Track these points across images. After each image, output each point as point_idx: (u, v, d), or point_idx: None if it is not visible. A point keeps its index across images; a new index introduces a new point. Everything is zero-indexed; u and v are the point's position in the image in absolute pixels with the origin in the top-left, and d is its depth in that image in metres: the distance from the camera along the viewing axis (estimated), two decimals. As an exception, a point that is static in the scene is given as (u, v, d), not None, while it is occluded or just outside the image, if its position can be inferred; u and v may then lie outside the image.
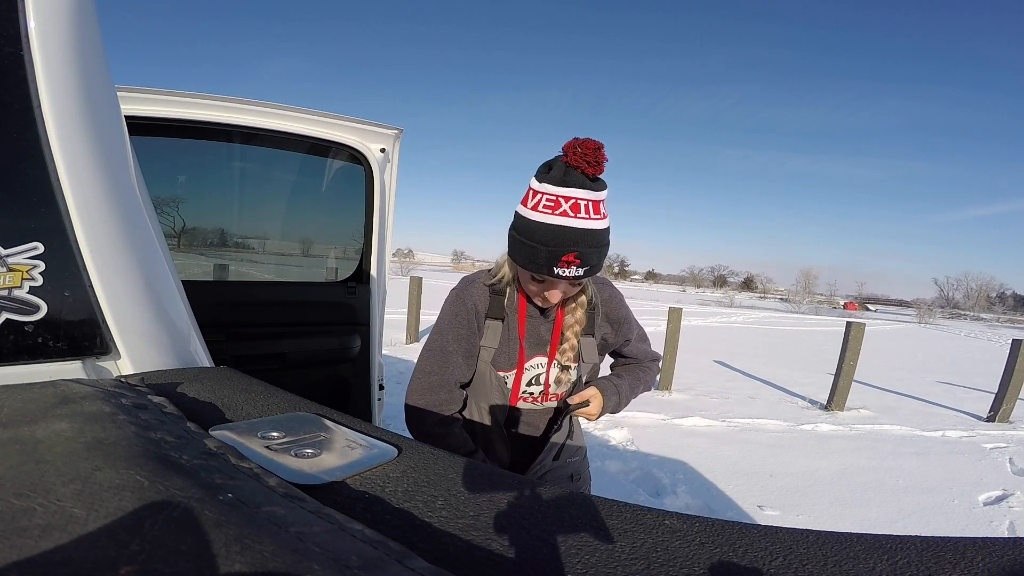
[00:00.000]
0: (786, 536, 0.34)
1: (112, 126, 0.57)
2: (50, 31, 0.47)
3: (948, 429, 4.42)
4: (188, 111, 1.54)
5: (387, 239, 1.94)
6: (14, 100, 0.46)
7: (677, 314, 5.31)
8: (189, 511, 0.26)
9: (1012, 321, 51.77)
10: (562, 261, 0.83)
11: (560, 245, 0.82)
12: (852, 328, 4.87)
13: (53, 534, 0.24)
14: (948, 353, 11.79)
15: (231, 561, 0.23)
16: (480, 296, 0.99)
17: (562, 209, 0.82)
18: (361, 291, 1.94)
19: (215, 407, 0.51)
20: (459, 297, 1.00)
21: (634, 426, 3.76)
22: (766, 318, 20.58)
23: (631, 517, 0.37)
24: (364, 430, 0.50)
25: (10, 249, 0.47)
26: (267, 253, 2.39)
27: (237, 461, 0.36)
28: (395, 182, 1.93)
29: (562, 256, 0.83)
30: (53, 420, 0.37)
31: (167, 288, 0.65)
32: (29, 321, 0.49)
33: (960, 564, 0.31)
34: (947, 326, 28.36)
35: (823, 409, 4.81)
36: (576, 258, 0.83)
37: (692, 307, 23.58)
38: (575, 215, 0.82)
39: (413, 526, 0.34)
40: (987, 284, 77.59)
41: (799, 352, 9.46)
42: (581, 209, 0.82)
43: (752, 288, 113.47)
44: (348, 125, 1.74)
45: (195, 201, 2.09)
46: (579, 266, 0.84)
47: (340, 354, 1.91)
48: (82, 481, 0.28)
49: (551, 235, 0.82)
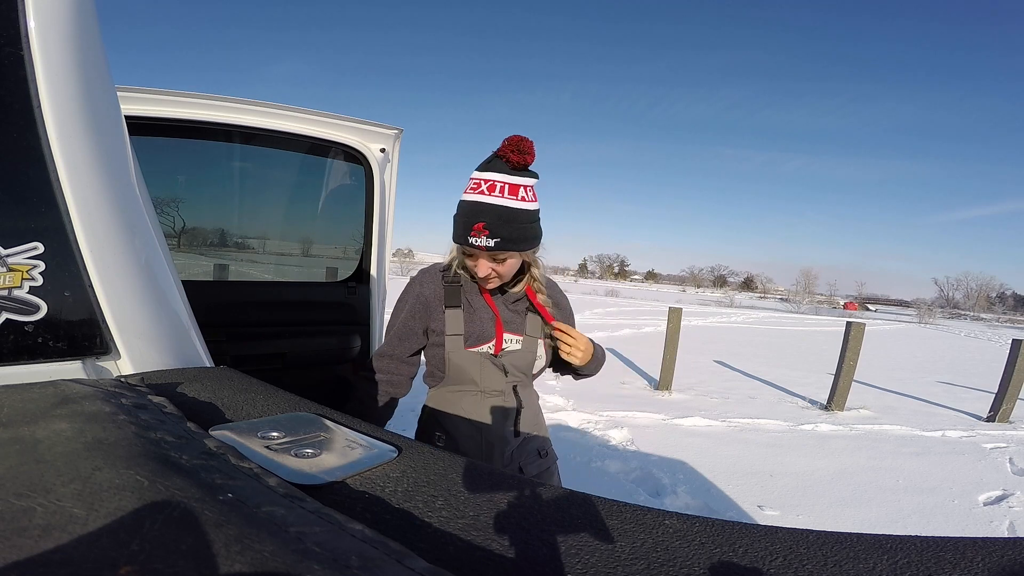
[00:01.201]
0: (786, 536, 0.34)
1: (112, 126, 0.57)
2: (50, 31, 0.47)
3: (948, 429, 4.42)
4: (188, 111, 1.54)
5: (387, 239, 1.94)
6: (14, 100, 0.46)
7: (677, 314, 5.31)
8: (189, 511, 0.26)
9: (1012, 321, 51.77)
10: (473, 230, 0.96)
11: (472, 216, 0.96)
12: (852, 328, 4.87)
13: (53, 534, 0.24)
14: (948, 353, 11.79)
15: (231, 561, 0.23)
16: (431, 284, 1.10)
17: (480, 189, 0.97)
18: (361, 291, 1.94)
19: (215, 407, 0.51)
20: (410, 286, 1.14)
21: (634, 426, 3.76)
22: (766, 318, 20.58)
23: (631, 517, 0.37)
24: (364, 430, 0.50)
25: (10, 249, 0.47)
26: (267, 253, 2.39)
27: (237, 461, 0.36)
28: (395, 182, 1.93)
29: (472, 226, 0.96)
30: (53, 420, 0.37)
31: (167, 288, 0.65)
32: (29, 321, 0.49)
33: (960, 564, 0.31)
34: (947, 326, 28.36)
35: (823, 409, 4.81)
36: (484, 228, 0.95)
37: (692, 307, 23.58)
38: (490, 194, 0.96)
39: (413, 526, 0.34)
40: (987, 284, 77.59)
41: (799, 352, 9.46)
42: (496, 190, 0.96)
43: (752, 288, 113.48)
44: (348, 125, 1.74)
45: (195, 201, 2.09)
46: (488, 236, 0.95)
47: (340, 354, 1.91)
48: (82, 481, 0.28)
49: (467, 209, 0.98)
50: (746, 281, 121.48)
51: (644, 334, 9.88)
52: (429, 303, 1.09)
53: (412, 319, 1.11)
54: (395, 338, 1.13)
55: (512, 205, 0.96)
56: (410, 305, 1.11)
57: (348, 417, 0.53)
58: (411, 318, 1.11)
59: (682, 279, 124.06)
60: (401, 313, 1.12)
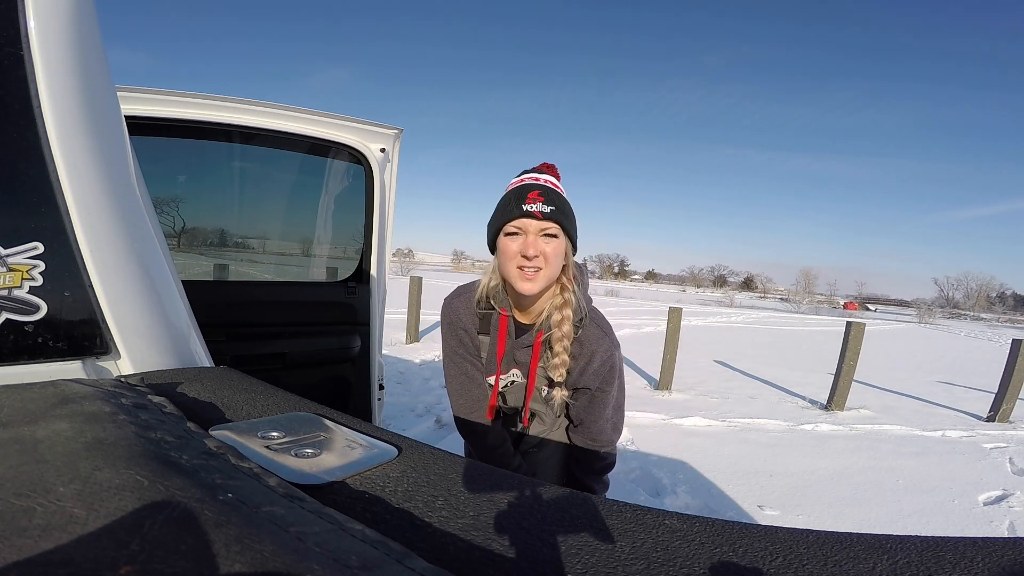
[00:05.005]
0: (786, 536, 0.34)
1: (112, 126, 0.57)
2: (50, 31, 0.47)
3: (948, 429, 4.42)
4: (188, 111, 1.54)
5: (387, 239, 1.94)
6: (14, 100, 0.46)
7: (677, 314, 5.31)
8: (189, 511, 0.26)
9: (1012, 321, 51.75)
10: (528, 198, 0.95)
11: (524, 190, 0.97)
12: (852, 328, 4.87)
13: (53, 534, 0.24)
14: (948, 353, 11.78)
15: (231, 561, 0.23)
16: (465, 312, 1.09)
17: (524, 178, 1.01)
18: (361, 291, 1.94)
19: (215, 407, 0.51)
20: (447, 318, 1.11)
21: (634, 426, 3.76)
22: (766, 318, 20.57)
23: (631, 517, 0.37)
24: (364, 430, 0.50)
25: (10, 249, 0.47)
26: (267, 253, 2.39)
27: (237, 461, 0.36)
28: (395, 182, 1.93)
29: (527, 194, 0.96)
30: (53, 420, 0.37)
31: (167, 288, 0.65)
32: (29, 321, 0.49)
33: (960, 564, 0.31)
34: (947, 326, 28.36)
35: (823, 409, 4.81)
36: (540, 195, 0.95)
37: (692, 307, 23.57)
38: (535, 180, 0.99)
39: (413, 526, 0.34)
40: (987, 284, 77.59)
41: (799, 352, 9.46)
42: (541, 180, 1.00)
43: (752, 288, 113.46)
44: (348, 125, 1.74)
45: (195, 201, 2.09)
46: (544, 203, 0.95)
47: (340, 354, 1.91)
48: (82, 481, 0.28)
49: (516, 188, 0.99)
50: (746, 281, 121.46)
51: (644, 334, 9.88)
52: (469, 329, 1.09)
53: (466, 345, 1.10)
54: (466, 380, 1.11)
55: (558, 188, 1.00)
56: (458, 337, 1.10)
57: (348, 417, 0.53)
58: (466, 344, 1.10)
59: (682, 279, 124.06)
60: (453, 353, 1.11)
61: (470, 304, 1.08)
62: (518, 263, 0.96)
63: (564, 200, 0.99)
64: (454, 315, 1.09)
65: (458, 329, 1.09)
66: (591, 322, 1.03)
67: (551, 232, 0.96)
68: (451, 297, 1.11)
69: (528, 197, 0.95)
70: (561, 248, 0.97)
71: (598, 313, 1.07)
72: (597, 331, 1.03)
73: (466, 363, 1.09)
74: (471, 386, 1.10)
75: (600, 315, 1.08)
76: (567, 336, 1.00)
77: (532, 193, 0.95)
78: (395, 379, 4.39)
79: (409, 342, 6.43)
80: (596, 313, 1.07)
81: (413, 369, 4.91)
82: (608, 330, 1.06)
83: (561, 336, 1.00)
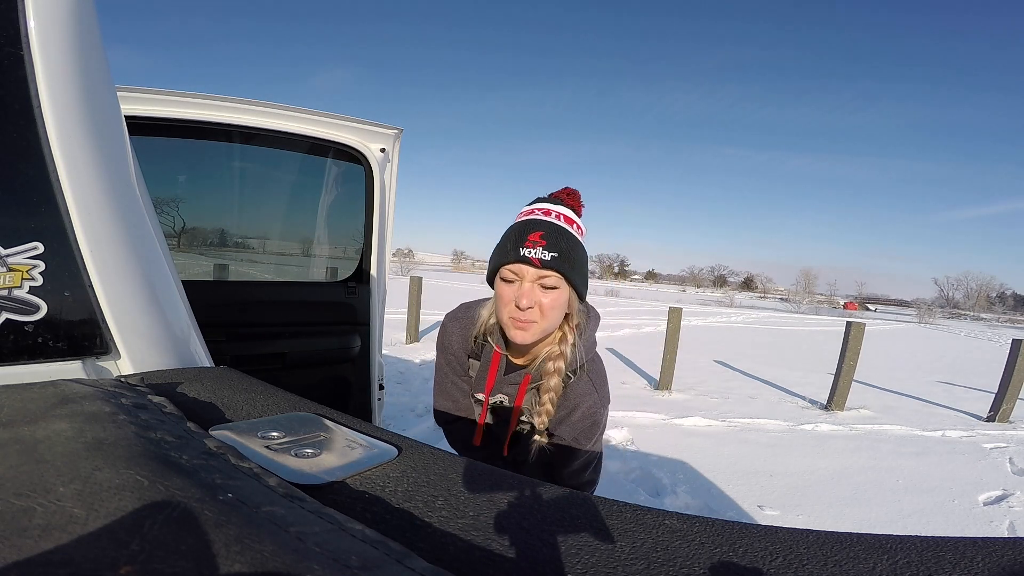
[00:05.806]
0: (786, 536, 0.34)
1: (112, 126, 0.57)
2: (50, 31, 0.47)
3: (948, 429, 4.42)
4: (188, 111, 1.54)
5: (387, 239, 1.94)
6: (14, 100, 0.46)
7: (677, 314, 5.31)
8: (189, 511, 0.26)
9: (1012, 321, 51.76)
10: (528, 240, 0.85)
11: (527, 228, 0.87)
12: (852, 328, 4.87)
13: (53, 534, 0.24)
14: (948, 353, 11.78)
15: (231, 561, 0.23)
16: (459, 341, 1.05)
17: (533, 213, 0.90)
18: (361, 291, 1.94)
19: (215, 407, 0.51)
20: (441, 340, 1.08)
21: (634, 426, 3.76)
22: (766, 318, 20.58)
23: (631, 517, 0.37)
24: (364, 430, 0.50)
25: (10, 249, 0.47)
26: (267, 253, 2.39)
27: (237, 461, 0.36)
28: (395, 182, 1.93)
29: (528, 235, 0.86)
30: (53, 420, 0.37)
31: (167, 288, 0.65)
32: (29, 321, 0.49)
33: (960, 564, 0.31)
34: (947, 326, 28.36)
35: (823, 409, 4.81)
36: (542, 238, 0.85)
37: (692, 307, 23.57)
38: (545, 217, 0.89)
39: (413, 526, 0.34)
40: (987, 284, 77.60)
41: (799, 352, 9.46)
42: (552, 215, 0.89)
43: (752, 288, 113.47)
44: (348, 125, 1.74)
45: (195, 201, 2.09)
46: (545, 248, 0.84)
47: (340, 354, 1.91)
48: (82, 481, 0.28)
49: (518, 226, 0.89)
50: (746, 281, 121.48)
51: (644, 334, 9.88)
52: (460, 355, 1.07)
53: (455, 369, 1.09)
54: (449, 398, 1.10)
55: (568, 228, 0.88)
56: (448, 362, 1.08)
57: (348, 417, 0.53)
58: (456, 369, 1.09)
59: (682, 279, 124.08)
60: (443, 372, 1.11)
61: (466, 335, 1.04)
62: (510, 312, 0.87)
63: (572, 243, 0.88)
64: (447, 339, 1.06)
65: (448, 354, 1.07)
66: (585, 374, 0.97)
67: (550, 283, 0.86)
68: (450, 319, 1.07)
69: (528, 239, 0.85)
70: (561, 299, 0.88)
71: (598, 364, 1.02)
72: (588, 385, 0.97)
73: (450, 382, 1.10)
74: (455, 391, 1.10)
75: (599, 367, 1.02)
76: (555, 390, 0.94)
77: (534, 234, 0.85)
78: (395, 379, 4.39)
79: (409, 342, 6.43)
80: (595, 364, 1.01)
81: (413, 369, 4.91)
82: (600, 385, 1.00)
83: (549, 388, 0.94)
